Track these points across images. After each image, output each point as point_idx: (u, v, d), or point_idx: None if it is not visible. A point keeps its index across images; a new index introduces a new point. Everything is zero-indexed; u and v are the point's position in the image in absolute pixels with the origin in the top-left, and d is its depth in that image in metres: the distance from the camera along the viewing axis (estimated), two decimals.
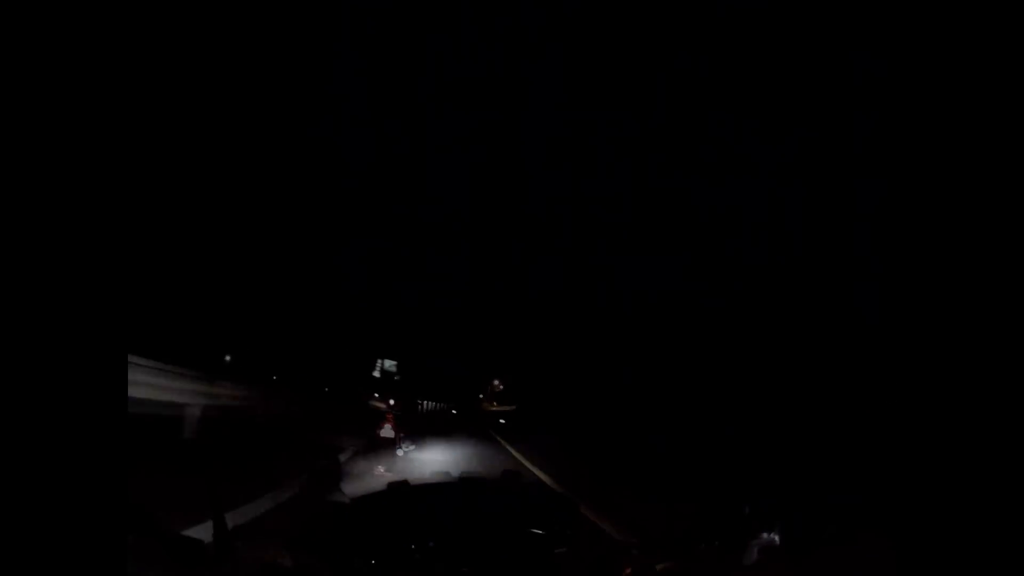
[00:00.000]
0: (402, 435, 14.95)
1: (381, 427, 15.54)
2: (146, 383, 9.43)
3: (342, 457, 14.19)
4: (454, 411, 63.09)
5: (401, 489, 4.43)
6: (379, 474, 11.57)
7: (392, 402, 31.06)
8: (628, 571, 3.22)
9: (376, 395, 43.54)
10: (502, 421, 42.03)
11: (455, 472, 4.47)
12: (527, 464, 15.31)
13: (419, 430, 21.25)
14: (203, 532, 3.48)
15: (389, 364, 78.46)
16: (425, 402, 64.04)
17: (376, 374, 76.50)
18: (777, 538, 2.80)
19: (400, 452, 14.27)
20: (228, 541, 3.50)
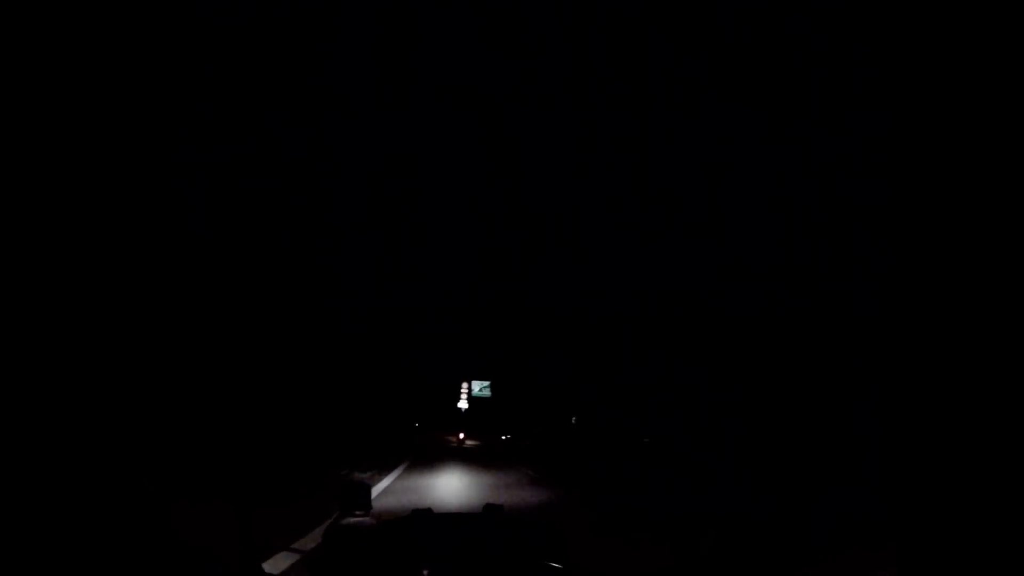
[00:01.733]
0: (464, 437, 46.95)
1: (459, 435, 46.98)
2: None
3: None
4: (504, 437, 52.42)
5: (425, 516, 4.45)
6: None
7: (462, 435, 48.49)
8: None
9: (461, 434, 49.40)
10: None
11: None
12: None
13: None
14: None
15: (480, 387, 57.24)
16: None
17: (463, 404, 57.12)
18: None
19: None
20: (253, 559, 3.58)
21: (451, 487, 16.40)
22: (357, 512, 4.18)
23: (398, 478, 17.78)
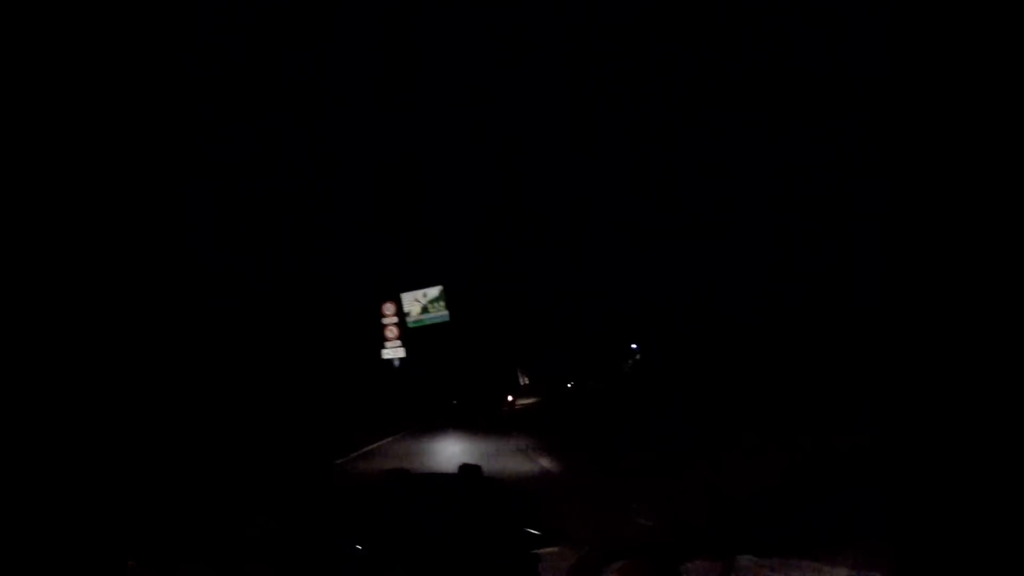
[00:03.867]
0: (514, 399, 28.29)
1: (507, 397, 28.50)
2: None
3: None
4: None
5: (399, 478, 4.32)
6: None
7: (510, 398, 31.85)
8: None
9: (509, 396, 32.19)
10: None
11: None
12: None
13: None
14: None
15: (426, 302, 28.73)
16: None
17: (393, 353, 28.37)
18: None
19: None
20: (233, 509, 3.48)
21: None
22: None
23: None
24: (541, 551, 3.42)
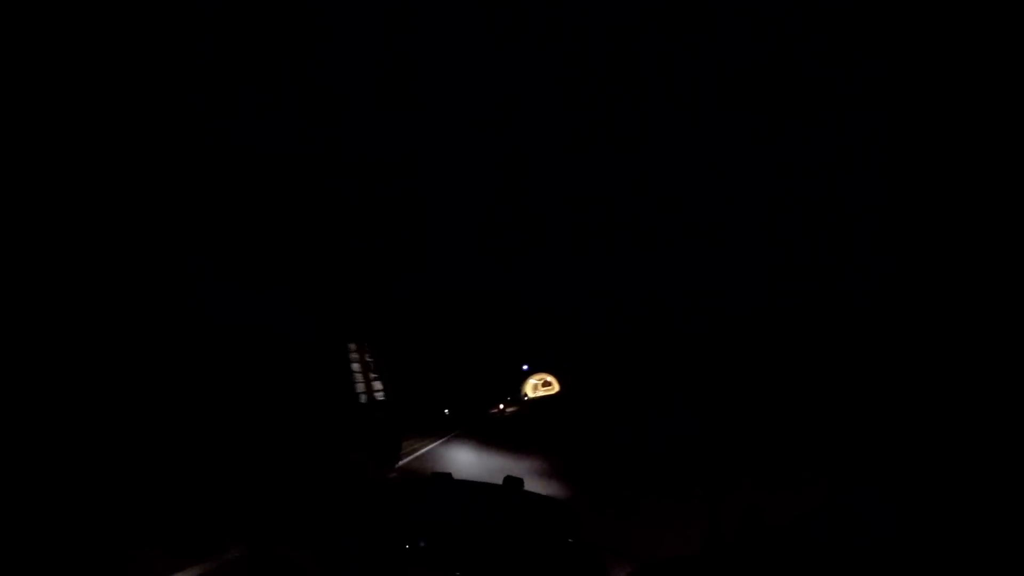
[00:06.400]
0: (504, 406, 31.90)
1: (499, 405, 32.47)
2: None
3: None
4: None
5: (444, 481, 4.57)
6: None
7: (502, 406, 36.65)
8: None
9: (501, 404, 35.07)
10: None
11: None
12: None
13: None
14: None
15: None
16: None
17: None
18: None
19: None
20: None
21: None
22: (386, 463, 4.30)
23: None
24: (592, 561, 3.65)
